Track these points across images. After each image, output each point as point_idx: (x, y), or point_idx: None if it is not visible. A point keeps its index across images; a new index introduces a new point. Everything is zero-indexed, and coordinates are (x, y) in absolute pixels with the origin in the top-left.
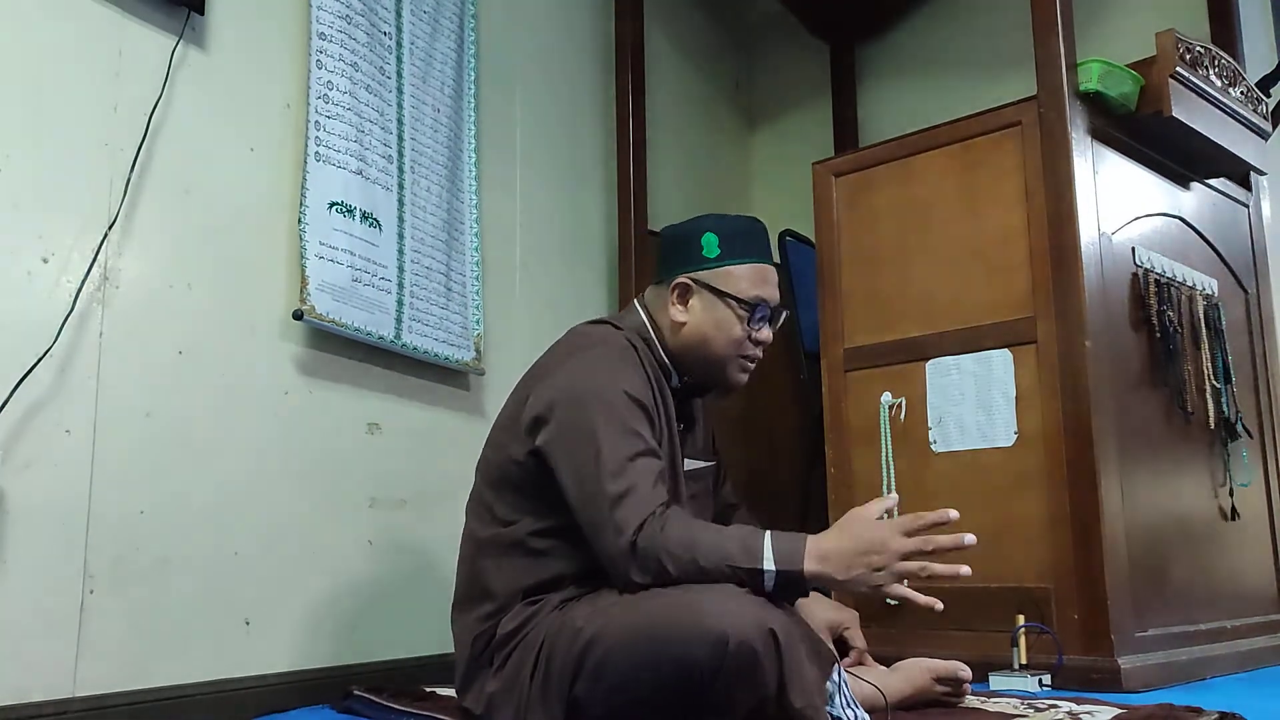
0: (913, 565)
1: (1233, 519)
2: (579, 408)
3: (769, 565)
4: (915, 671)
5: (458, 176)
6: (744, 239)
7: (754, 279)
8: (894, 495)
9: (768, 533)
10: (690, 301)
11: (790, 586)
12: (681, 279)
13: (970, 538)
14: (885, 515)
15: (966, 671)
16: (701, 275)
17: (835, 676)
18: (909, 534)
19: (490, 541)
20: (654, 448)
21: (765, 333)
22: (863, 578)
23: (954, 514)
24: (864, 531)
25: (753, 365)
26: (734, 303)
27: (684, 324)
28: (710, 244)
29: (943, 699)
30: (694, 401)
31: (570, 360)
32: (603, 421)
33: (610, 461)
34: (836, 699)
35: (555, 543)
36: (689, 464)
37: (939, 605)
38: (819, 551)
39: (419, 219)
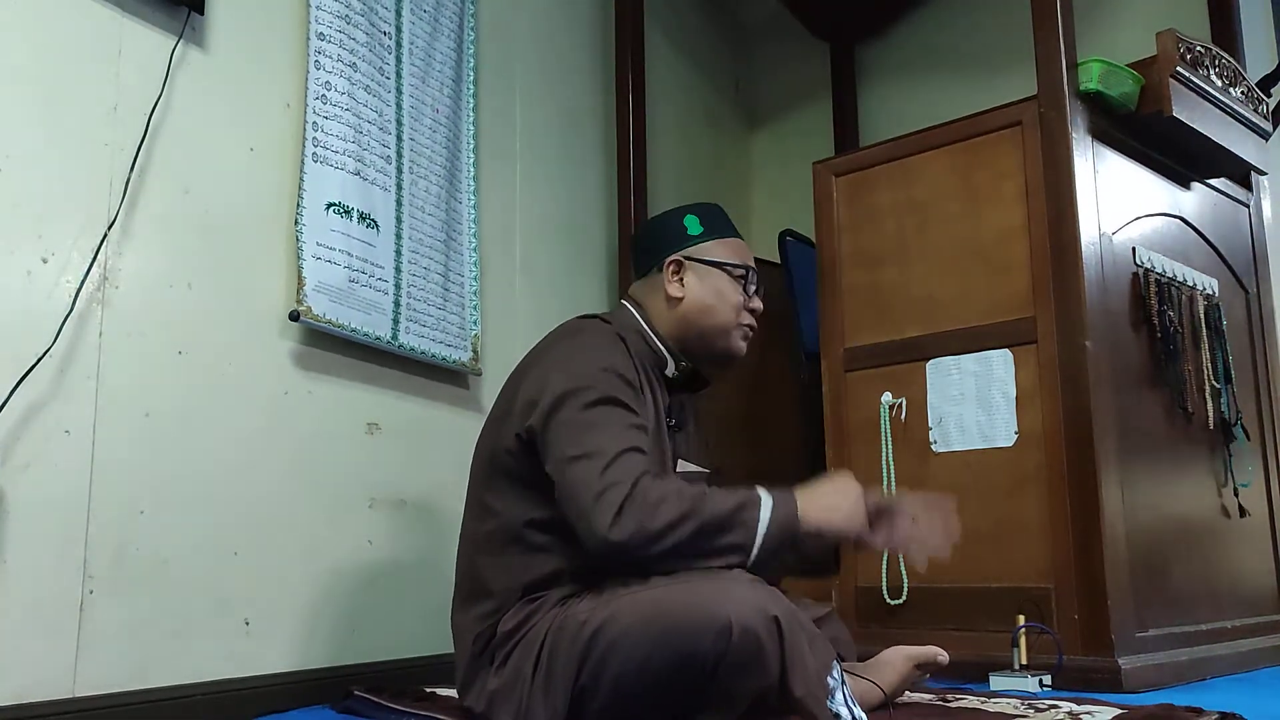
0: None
1: (1241, 517)
2: (569, 394)
3: (766, 507)
4: (898, 661)
5: (456, 177)
6: (721, 218)
7: (739, 251)
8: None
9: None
10: (685, 278)
11: (785, 533)
12: (673, 257)
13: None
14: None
15: (944, 656)
16: (691, 251)
17: (835, 673)
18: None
19: (486, 538)
20: (641, 424)
21: (758, 301)
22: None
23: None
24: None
25: (751, 334)
26: (729, 270)
27: (681, 299)
28: (693, 223)
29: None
30: (686, 404)
31: (557, 346)
32: (593, 412)
33: (596, 452)
34: (838, 695)
35: (551, 537)
36: (681, 465)
37: None
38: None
39: (417, 219)
